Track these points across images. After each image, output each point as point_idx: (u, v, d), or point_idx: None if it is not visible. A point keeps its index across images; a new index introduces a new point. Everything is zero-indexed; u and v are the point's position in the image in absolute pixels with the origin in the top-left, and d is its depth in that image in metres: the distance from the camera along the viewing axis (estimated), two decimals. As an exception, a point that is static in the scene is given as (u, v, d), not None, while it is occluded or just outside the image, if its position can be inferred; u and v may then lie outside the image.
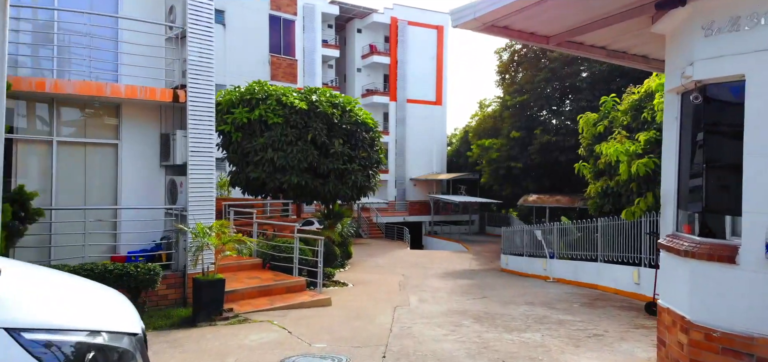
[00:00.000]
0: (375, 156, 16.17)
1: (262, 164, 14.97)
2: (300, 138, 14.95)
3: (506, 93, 25.43)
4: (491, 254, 28.39)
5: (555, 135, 21.84)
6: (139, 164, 10.26)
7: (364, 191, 15.87)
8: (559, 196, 23.99)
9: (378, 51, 44.51)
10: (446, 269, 22.40)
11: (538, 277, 18.73)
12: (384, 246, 31.55)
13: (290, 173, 14.80)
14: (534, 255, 19.75)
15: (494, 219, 43.16)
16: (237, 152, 15.61)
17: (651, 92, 12.18)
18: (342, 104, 15.81)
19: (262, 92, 15.01)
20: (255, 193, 16.30)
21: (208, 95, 10.03)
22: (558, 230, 18.01)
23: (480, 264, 24.57)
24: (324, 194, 15.19)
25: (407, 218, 41.11)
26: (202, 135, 9.94)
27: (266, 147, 14.80)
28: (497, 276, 19.87)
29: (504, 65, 27.52)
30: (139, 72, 9.85)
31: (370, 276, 18.25)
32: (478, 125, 30.32)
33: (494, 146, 25.16)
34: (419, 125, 45.28)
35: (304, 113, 14.89)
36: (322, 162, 14.92)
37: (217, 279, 8.81)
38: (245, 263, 12.44)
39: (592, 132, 14.89)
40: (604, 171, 14.14)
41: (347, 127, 15.52)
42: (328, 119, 15.09)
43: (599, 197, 14.36)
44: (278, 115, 14.64)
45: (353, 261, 23.79)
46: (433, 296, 12.89)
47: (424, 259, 25.89)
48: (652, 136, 11.22)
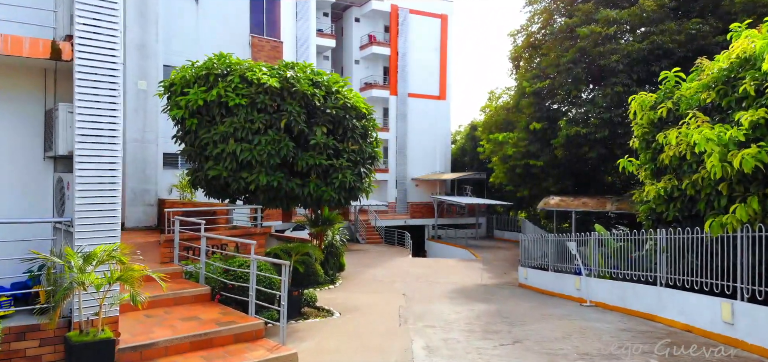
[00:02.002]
0: (369, 150, 12.81)
1: (223, 159, 11.65)
2: (271, 125, 11.56)
3: (523, 80, 21.99)
4: (504, 264, 24.96)
5: (584, 126, 18.41)
6: (10, 156, 6.88)
7: (354, 193, 12.51)
8: (585, 198, 20.56)
9: (377, 41, 41.21)
10: (455, 283, 18.98)
11: (569, 298, 15.30)
12: (383, 253, 28.14)
13: (258, 170, 11.44)
14: (563, 271, 16.31)
15: (502, 223, 39.76)
16: (194, 143, 12.30)
17: (749, 57, 8.75)
18: (326, 83, 12.42)
19: (222, 66, 11.65)
20: (219, 195, 12.99)
21: (109, 50, 6.61)
22: (595, 242, 14.57)
23: (493, 277, 21.15)
24: (303, 197, 11.85)
25: (408, 220, 37.70)
26: (99, 111, 6.53)
27: (227, 137, 11.46)
28: (519, 296, 16.44)
29: (519, 49, 24.12)
30: (8, 13, 6.48)
31: (364, 298, 14.84)
32: (489, 118, 26.97)
33: (510, 141, 21.76)
34: (421, 120, 42.00)
35: (276, 93, 11.52)
36: (301, 157, 11.57)
37: (100, 341, 5.43)
38: (187, 293, 9.05)
39: (649, 118, 11.45)
40: (669, 167, 10.70)
41: (333, 112, 12.13)
42: (307, 102, 11.72)
43: (661, 201, 10.92)
44: (242, 95, 11.28)
45: (346, 275, 20.38)
46: (444, 338, 9.47)
47: (428, 270, 22.47)
48: (762, 116, 7.80)
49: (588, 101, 18.53)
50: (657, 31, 17.92)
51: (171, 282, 9.58)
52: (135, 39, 17.63)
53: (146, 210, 17.61)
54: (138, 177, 17.69)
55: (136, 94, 17.60)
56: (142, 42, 17.76)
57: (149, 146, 17.85)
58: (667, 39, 17.58)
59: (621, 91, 17.64)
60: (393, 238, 33.98)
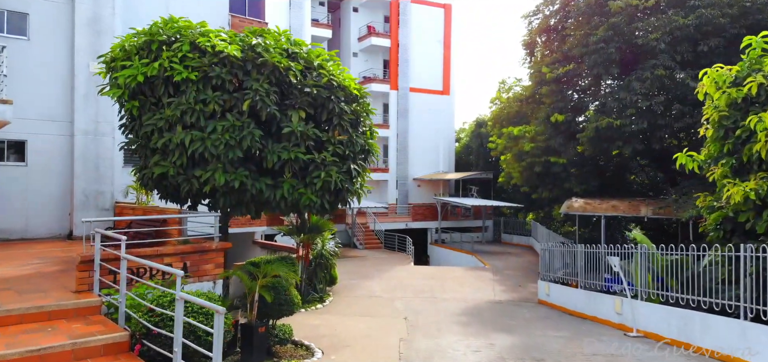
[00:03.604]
0: (361, 142, 10.05)
1: (170, 153, 8.93)
2: (230, 107, 8.80)
3: (541, 65, 19.19)
4: (516, 273, 22.19)
5: (617, 117, 15.61)
6: None
7: (342, 196, 9.75)
8: (614, 201, 17.78)
9: (377, 32, 38.55)
10: (465, 300, 16.25)
11: (607, 324, 12.54)
12: (382, 261, 25.40)
13: (214, 166, 8.71)
14: (597, 289, 13.55)
15: (511, 226, 36.95)
16: (138, 133, 9.61)
17: None
18: (306, 56, 9.61)
19: (168, 31, 8.88)
20: (176, 199, 10.27)
21: None
22: (643, 256, 11.79)
23: (507, 290, 18.39)
24: (274, 202, 9.09)
25: (410, 223, 34.92)
26: None
27: (174, 123, 8.72)
28: (543, 319, 13.68)
29: (534, 33, 21.32)
30: None
31: (356, 325, 12.09)
32: (499, 111, 24.19)
33: (527, 135, 18.95)
34: (424, 117, 39.33)
35: (238, 65, 8.76)
36: (271, 149, 8.82)
37: None
38: (95, 341, 6.30)
39: (729, 97, 8.66)
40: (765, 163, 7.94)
41: (313, 92, 9.36)
42: (280, 78, 8.96)
43: (749, 207, 8.16)
44: (192, 68, 8.52)
45: (339, 289, 17.66)
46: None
47: (433, 282, 19.73)
48: None
49: (623, 87, 15.72)
50: (704, 4, 15.16)
51: (78, 324, 6.83)
52: (86, 12, 14.87)
53: (101, 216, 14.86)
54: (90, 176, 14.94)
55: (87, 78, 14.85)
56: (95, 15, 15.00)
57: (104, 139, 15.09)
58: (718, 13, 14.83)
59: (662, 74, 14.86)
60: (393, 243, 31.23)
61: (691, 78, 14.68)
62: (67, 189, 14.84)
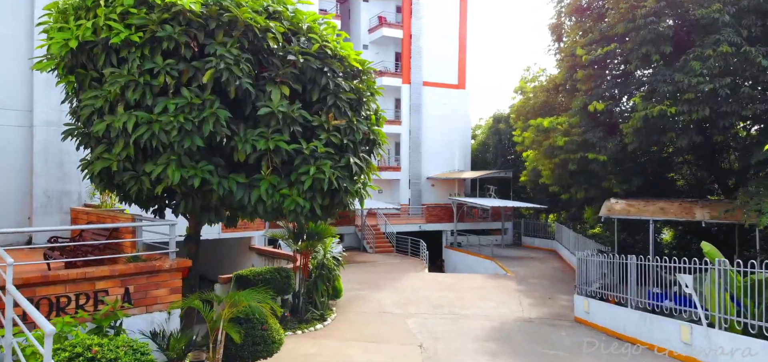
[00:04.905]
0: (364, 128, 7.71)
1: (114, 141, 6.71)
2: (188, 80, 6.56)
3: (572, 49, 16.74)
4: (543, 282, 19.78)
5: (672, 104, 13.14)
6: None
7: (339, 198, 7.43)
8: (662, 203, 15.27)
9: (388, 23, 36.25)
10: (490, 317, 13.93)
11: (673, 356, 10.12)
12: (393, 267, 23.14)
13: (165, 159, 6.49)
14: (655, 310, 11.13)
15: (531, 228, 34.40)
16: (78, 116, 7.43)
17: None
18: (291, 16, 7.29)
19: (110, -17, 6.70)
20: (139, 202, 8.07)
21: None
22: (721, 273, 9.36)
23: (537, 304, 16.00)
24: (249, 206, 6.81)
25: (424, 225, 32.54)
26: None
27: (115, 102, 6.50)
28: (590, 345, 11.29)
29: (567, 13, 18.85)
30: None
31: (360, 357, 9.80)
32: (524, 103, 21.72)
33: (559, 128, 16.50)
34: (438, 112, 36.98)
35: (197, 23, 6.51)
36: (243, 136, 6.55)
37: None
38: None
39: None
40: None
41: (300, 61, 7.07)
42: (255, 42, 6.68)
43: None
44: (134, 27, 6.27)
45: (344, 302, 15.45)
46: None
47: (451, 293, 17.41)
48: None
49: (678, 67, 13.23)
50: (776, -32, 12.68)
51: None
52: (47, -16, 12.76)
53: (65, 220, 12.78)
54: (52, 174, 12.85)
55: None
56: (58, -12, 12.88)
57: (69, 131, 12.96)
58: (793, -21, 12.35)
59: (728, 52, 12.39)
60: (406, 246, 28.91)
61: (763, 55, 12.20)
62: (26, 190, 12.77)
